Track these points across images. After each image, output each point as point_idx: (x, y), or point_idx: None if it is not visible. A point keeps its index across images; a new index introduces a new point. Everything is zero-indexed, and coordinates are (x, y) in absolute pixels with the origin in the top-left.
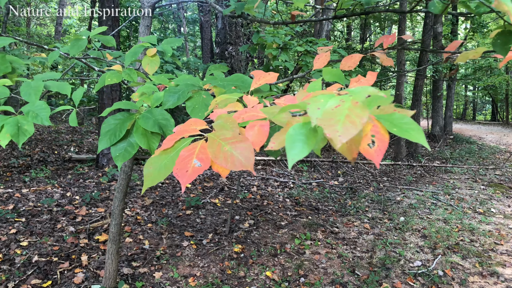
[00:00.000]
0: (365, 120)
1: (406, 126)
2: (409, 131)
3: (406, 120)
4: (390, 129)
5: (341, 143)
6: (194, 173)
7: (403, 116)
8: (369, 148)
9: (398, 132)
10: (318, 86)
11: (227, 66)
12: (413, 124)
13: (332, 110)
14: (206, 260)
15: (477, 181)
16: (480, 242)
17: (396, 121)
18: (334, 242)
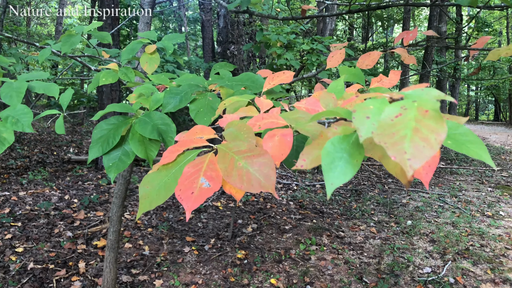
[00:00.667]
0: (443, 137)
1: (463, 139)
2: (467, 145)
3: (462, 131)
4: (444, 142)
5: (413, 170)
6: (202, 195)
7: (457, 125)
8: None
9: (454, 146)
10: (341, 86)
11: None
12: (472, 136)
13: (391, 121)
14: (209, 266)
15: (483, 183)
16: (491, 247)
17: (449, 131)
18: (340, 247)
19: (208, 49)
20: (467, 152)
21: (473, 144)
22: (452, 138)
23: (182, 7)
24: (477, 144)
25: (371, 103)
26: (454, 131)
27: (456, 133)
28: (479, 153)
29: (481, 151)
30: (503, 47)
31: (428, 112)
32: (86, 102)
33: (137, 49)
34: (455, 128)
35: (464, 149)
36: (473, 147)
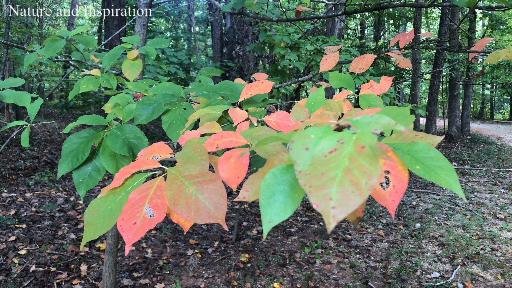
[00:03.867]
0: (375, 182)
1: (433, 164)
2: (436, 171)
3: (432, 154)
4: (412, 166)
5: (337, 221)
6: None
7: (429, 148)
8: (381, 188)
9: (422, 172)
10: (321, 96)
11: (235, 66)
12: (443, 161)
13: (325, 157)
14: (211, 270)
15: (497, 184)
16: (502, 251)
17: (418, 154)
18: (346, 251)
19: (216, 49)
20: (436, 179)
21: (443, 170)
22: (421, 163)
23: (190, 7)
24: (447, 171)
25: (313, 131)
26: (425, 155)
27: (427, 157)
28: (448, 181)
29: (451, 179)
30: (502, 50)
31: (364, 148)
32: (94, 102)
33: (119, 55)
34: (426, 151)
35: (433, 176)
36: (443, 174)
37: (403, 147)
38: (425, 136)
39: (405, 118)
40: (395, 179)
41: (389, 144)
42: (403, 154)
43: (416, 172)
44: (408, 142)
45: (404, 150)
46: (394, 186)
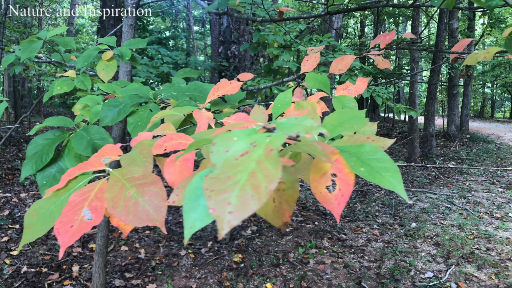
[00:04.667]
0: (274, 186)
1: (378, 165)
2: (381, 173)
3: (379, 156)
4: (356, 168)
5: (231, 227)
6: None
7: (376, 150)
8: (327, 192)
9: (367, 174)
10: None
11: (231, 65)
12: (388, 163)
13: (236, 160)
14: (204, 270)
15: (494, 183)
16: (497, 250)
17: (365, 156)
18: (340, 251)
19: (215, 48)
20: (380, 181)
21: (388, 172)
22: (367, 165)
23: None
24: (392, 172)
25: (236, 134)
26: (371, 157)
27: (373, 159)
28: (392, 183)
29: (394, 180)
30: (481, 51)
31: (272, 151)
32: None
33: (93, 56)
34: (373, 153)
35: (377, 178)
36: (387, 176)
37: (351, 150)
38: (376, 138)
39: (358, 121)
40: (341, 182)
41: (337, 146)
42: (349, 157)
43: (361, 175)
44: (356, 145)
45: (351, 153)
46: (340, 189)
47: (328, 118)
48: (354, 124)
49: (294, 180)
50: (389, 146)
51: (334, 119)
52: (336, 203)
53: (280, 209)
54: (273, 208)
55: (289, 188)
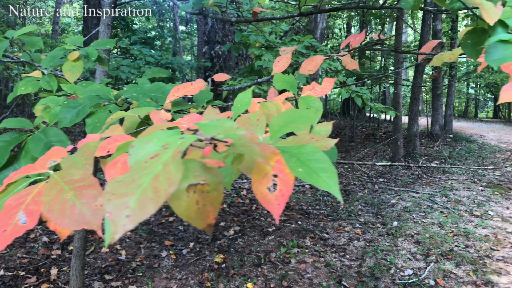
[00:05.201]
0: (173, 188)
1: (316, 166)
2: (318, 173)
3: (317, 157)
4: (295, 169)
5: (125, 231)
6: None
7: (315, 150)
8: (268, 192)
9: (304, 174)
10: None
11: (218, 65)
12: (326, 163)
13: (145, 163)
14: (185, 271)
15: (475, 182)
16: (476, 247)
17: (305, 157)
18: (322, 250)
19: (201, 48)
20: (316, 182)
21: (325, 172)
22: (305, 165)
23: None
24: (329, 173)
25: (158, 135)
26: (310, 157)
27: (312, 159)
28: (329, 183)
29: (331, 181)
30: (447, 52)
31: (178, 154)
32: None
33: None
34: (312, 153)
35: (314, 178)
36: (324, 176)
37: (292, 150)
38: (321, 138)
39: (305, 120)
40: (281, 182)
41: (279, 147)
42: (290, 157)
43: (298, 175)
44: (298, 145)
45: (292, 153)
46: (280, 189)
47: (275, 118)
48: (300, 124)
49: (219, 182)
50: (374, 146)
51: (281, 120)
52: (276, 203)
53: (204, 211)
54: (196, 210)
55: (214, 190)
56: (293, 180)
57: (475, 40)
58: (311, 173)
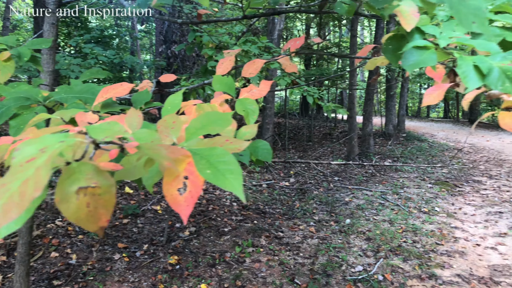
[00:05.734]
0: (39, 192)
1: (224, 168)
2: (226, 175)
3: (226, 159)
4: (203, 171)
5: None
6: None
7: (224, 153)
8: (178, 194)
9: (212, 176)
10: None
11: (175, 65)
12: (234, 165)
13: (20, 166)
14: (138, 274)
15: (425, 180)
16: (422, 243)
17: (215, 159)
18: (277, 248)
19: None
20: (223, 183)
21: (232, 174)
22: (214, 167)
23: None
24: (235, 175)
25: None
26: (220, 159)
27: (221, 161)
28: (234, 185)
29: (236, 182)
30: (380, 56)
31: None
32: None
33: None
34: (222, 155)
35: (221, 180)
36: (231, 178)
37: (204, 152)
38: (234, 141)
39: (223, 123)
40: (191, 184)
41: (191, 149)
42: (200, 159)
43: (206, 177)
44: (209, 147)
45: (203, 155)
46: (190, 191)
47: (193, 120)
48: (217, 126)
49: (111, 185)
50: (330, 145)
51: (198, 122)
52: (185, 205)
53: (96, 214)
54: (86, 213)
55: (106, 193)
56: (202, 181)
57: (395, 45)
58: (219, 175)
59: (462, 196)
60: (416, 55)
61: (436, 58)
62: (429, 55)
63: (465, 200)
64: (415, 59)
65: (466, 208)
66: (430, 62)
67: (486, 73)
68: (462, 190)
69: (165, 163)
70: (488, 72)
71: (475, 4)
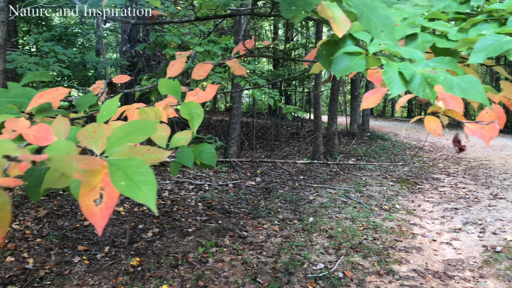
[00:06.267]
0: None
1: (139, 179)
2: (140, 186)
3: (143, 170)
4: (117, 182)
5: None
6: None
7: (141, 164)
8: (93, 205)
9: (126, 188)
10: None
11: (141, 64)
12: (149, 176)
13: None
14: (98, 276)
15: (387, 178)
16: (382, 239)
17: (131, 169)
18: (240, 248)
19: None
20: (136, 195)
21: (146, 185)
22: (129, 179)
23: None
24: (150, 186)
25: None
26: (136, 170)
27: (137, 172)
28: (147, 196)
29: (150, 194)
30: None
31: None
32: None
33: None
34: (139, 166)
35: (135, 191)
36: (145, 189)
37: (121, 163)
38: (156, 151)
39: (146, 132)
40: (108, 195)
41: (111, 160)
42: (116, 170)
43: (120, 189)
44: (127, 158)
45: (120, 166)
46: (106, 202)
47: (116, 129)
48: (141, 135)
49: (6, 202)
50: (297, 144)
51: (121, 131)
52: (100, 216)
53: None
54: None
55: (1, 210)
56: (118, 192)
57: (328, 51)
58: (133, 187)
59: (422, 194)
60: (346, 60)
61: (364, 64)
62: (359, 61)
63: (424, 197)
64: (345, 64)
65: (425, 205)
66: (359, 68)
67: (409, 79)
68: (422, 187)
69: (75, 176)
70: (411, 78)
71: (384, 13)
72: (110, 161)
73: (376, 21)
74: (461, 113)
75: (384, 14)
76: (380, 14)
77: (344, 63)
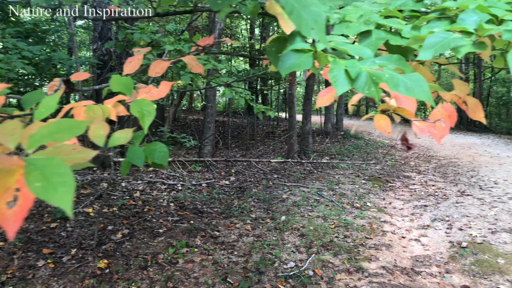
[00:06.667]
0: None
1: (57, 180)
2: (57, 188)
3: (61, 170)
4: (32, 184)
5: None
6: None
7: (60, 164)
8: (6, 208)
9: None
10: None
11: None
12: (67, 177)
13: None
14: (64, 280)
15: (359, 176)
16: (353, 237)
17: (50, 170)
18: (211, 248)
19: (93, 44)
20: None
21: (64, 187)
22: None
23: None
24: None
25: None
26: (55, 170)
27: (55, 173)
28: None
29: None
30: None
31: None
32: None
33: None
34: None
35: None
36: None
37: (39, 163)
38: (82, 150)
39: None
40: (23, 197)
41: (30, 159)
42: (33, 170)
43: (34, 191)
44: (46, 157)
45: (38, 166)
46: (20, 204)
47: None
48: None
49: None
50: (272, 143)
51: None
52: (13, 219)
53: None
54: None
55: None
56: (33, 194)
57: (278, 48)
58: (49, 188)
59: (393, 191)
60: (294, 58)
61: (312, 62)
62: (306, 59)
63: (395, 194)
64: (292, 62)
65: (396, 202)
66: (306, 65)
67: (354, 77)
68: (393, 185)
69: None
70: (356, 76)
71: (316, 10)
72: (29, 160)
73: (307, 18)
74: (413, 112)
75: (316, 11)
76: (311, 11)
77: (291, 60)
